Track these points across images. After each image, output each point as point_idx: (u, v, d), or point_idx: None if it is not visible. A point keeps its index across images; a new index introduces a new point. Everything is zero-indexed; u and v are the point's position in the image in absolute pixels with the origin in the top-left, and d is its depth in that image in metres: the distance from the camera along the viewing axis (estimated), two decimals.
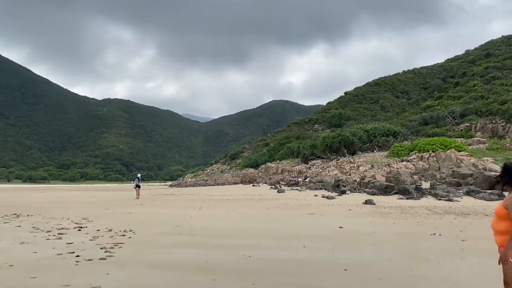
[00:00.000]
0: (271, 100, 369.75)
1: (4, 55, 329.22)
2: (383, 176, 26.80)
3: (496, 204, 12.27)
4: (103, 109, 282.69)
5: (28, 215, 14.19)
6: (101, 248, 7.42)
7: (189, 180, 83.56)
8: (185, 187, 64.94)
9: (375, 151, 45.59)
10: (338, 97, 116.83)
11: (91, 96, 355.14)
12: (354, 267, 6.02)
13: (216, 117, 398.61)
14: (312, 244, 7.98)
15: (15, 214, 14.71)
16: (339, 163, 40.31)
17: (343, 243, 8.07)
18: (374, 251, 7.27)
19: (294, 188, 31.51)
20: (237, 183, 57.11)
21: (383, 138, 46.93)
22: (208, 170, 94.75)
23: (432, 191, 18.90)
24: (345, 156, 44.71)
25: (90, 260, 6.41)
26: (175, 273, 5.64)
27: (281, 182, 39.61)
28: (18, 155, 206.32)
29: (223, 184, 60.68)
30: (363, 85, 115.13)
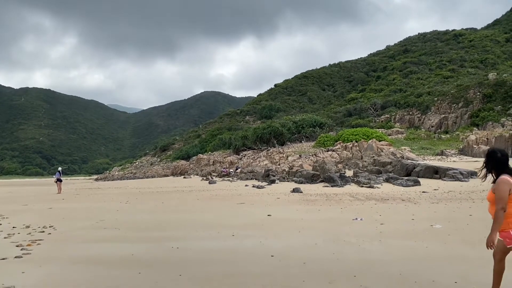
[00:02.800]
0: (202, 91, 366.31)
1: None
2: (310, 165, 27.77)
3: (411, 190, 13.13)
4: (21, 98, 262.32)
5: None
6: (17, 246, 6.96)
7: (116, 173, 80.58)
8: (112, 180, 62.59)
9: (303, 141, 47.11)
10: (268, 89, 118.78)
11: (6, 85, 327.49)
12: (281, 253, 6.20)
13: (145, 108, 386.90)
14: (241, 232, 8.09)
15: None
16: (269, 154, 41.13)
17: (270, 231, 8.27)
18: (300, 237, 7.53)
19: (226, 179, 31.64)
20: (167, 176, 56.15)
21: (311, 129, 48.60)
22: (137, 163, 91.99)
23: (355, 178, 19.93)
24: (275, 147, 45.71)
25: (3, 259, 5.99)
26: (98, 268, 5.44)
27: (213, 173, 39.59)
28: None
29: (153, 176, 59.30)
30: (292, 78, 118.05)
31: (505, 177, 3.73)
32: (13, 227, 9.31)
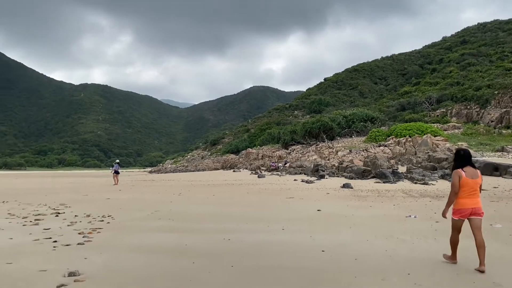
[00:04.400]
0: (251, 86, 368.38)
1: None
2: (360, 160, 27.21)
3: None
4: (80, 94, 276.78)
5: (3, 202, 13.93)
6: (79, 234, 7.37)
7: (169, 166, 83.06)
8: (165, 173, 64.56)
9: (353, 136, 46.18)
10: (317, 83, 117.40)
11: (67, 82, 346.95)
12: (332, 248, 6.14)
13: (196, 103, 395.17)
14: (291, 227, 8.09)
15: None
16: (318, 148, 40.71)
17: (321, 226, 8.21)
18: (351, 233, 7.43)
19: (274, 173, 31.72)
20: (217, 169, 57.12)
21: (361, 123, 47.53)
22: (189, 156, 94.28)
23: (408, 175, 19.31)
24: (324, 142, 45.17)
25: (67, 245, 6.37)
26: (154, 257, 5.65)
27: (262, 168, 39.81)
28: None
29: (203, 170, 60.55)
30: (342, 71, 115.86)
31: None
32: (75, 216, 9.87)
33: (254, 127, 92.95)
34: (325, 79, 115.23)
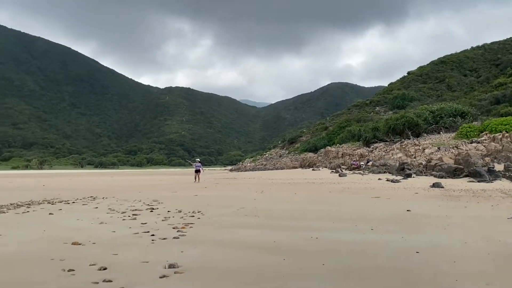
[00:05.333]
0: (329, 83, 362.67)
1: (75, 48, 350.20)
2: (451, 158, 25.54)
3: None
4: (166, 97, 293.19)
5: (103, 198, 15.17)
6: (173, 228, 7.78)
7: (248, 164, 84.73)
8: (245, 171, 65.96)
9: (441, 132, 43.49)
10: (400, 77, 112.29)
11: (154, 85, 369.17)
12: (426, 249, 5.84)
13: (273, 102, 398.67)
14: (380, 226, 7.83)
15: (91, 197, 15.77)
16: (403, 146, 38.95)
17: (412, 226, 7.85)
18: (446, 234, 7.00)
19: (356, 172, 30.94)
20: (296, 168, 57.10)
21: (450, 119, 44.59)
22: (267, 155, 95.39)
23: (507, 173, 17.75)
24: (409, 139, 43.10)
25: (164, 239, 6.75)
26: (246, 252, 5.80)
27: (342, 166, 39.03)
28: (89, 143, 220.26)
29: (282, 168, 60.90)
30: (427, 64, 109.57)
31: None
32: (168, 211, 10.45)
33: (332, 124, 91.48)
34: (408, 73, 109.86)
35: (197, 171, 27.57)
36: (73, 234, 7.20)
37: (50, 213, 10.37)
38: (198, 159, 30.79)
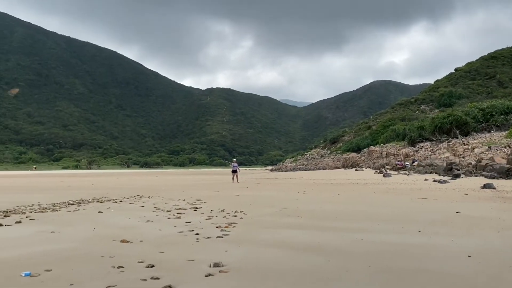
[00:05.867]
0: (371, 81, 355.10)
1: (121, 52, 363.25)
2: (503, 158, 24.30)
3: None
4: (207, 98, 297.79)
5: (149, 197, 15.60)
6: (217, 227, 7.87)
7: (289, 164, 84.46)
8: (286, 171, 65.81)
9: (492, 131, 41.45)
10: (447, 74, 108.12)
11: (196, 87, 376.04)
12: (479, 254, 5.56)
13: (314, 101, 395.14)
14: (428, 228, 7.56)
15: (138, 195, 16.26)
16: (451, 145, 37.47)
17: (462, 229, 7.52)
18: (500, 237, 6.65)
19: (401, 172, 30.12)
20: (338, 168, 56.34)
21: (502, 116, 42.39)
22: (308, 155, 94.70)
23: None
24: (457, 138, 41.40)
25: (208, 238, 6.83)
26: (289, 252, 5.76)
27: (386, 166, 38.11)
28: (135, 143, 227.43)
29: (323, 168, 60.27)
30: (477, 60, 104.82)
31: None
32: (211, 211, 10.59)
33: (376, 123, 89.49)
34: (456, 69, 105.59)
35: (234, 171, 27.84)
36: (122, 232, 7.44)
37: (99, 211, 10.78)
38: (234, 159, 31.10)
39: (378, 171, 34.30)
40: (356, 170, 42.07)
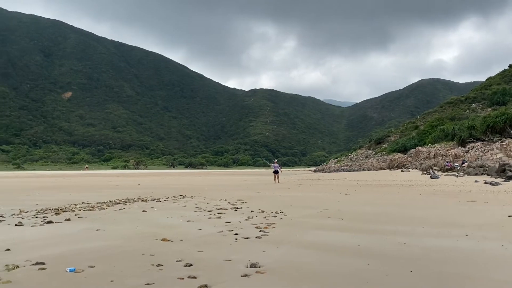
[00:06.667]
0: (418, 80, 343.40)
1: (167, 55, 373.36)
2: None
3: None
4: (250, 99, 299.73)
5: (191, 196, 15.89)
6: (256, 228, 7.87)
7: (333, 165, 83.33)
8: (329, 172, 64.97)
9: None
10: (500, 71, 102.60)
11: (239, 88, 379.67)
12: None
13: (358, 101, 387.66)
14: (476, 233, 7.18)
15: (181, 195, 16.61)
16: (504, 146, 35.54)
17: None
18: None
19: (450, 173, 28.90)
20: (383, 169, 54.96)
21: None
22: (352, 156, 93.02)
23: None
24: (511, 138, 39.20)
25: (247, 238, 6.85)
26: (328, 255, 5.66)
27: (434, 168, 36.72)
28: (180, 144, 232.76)
29: (368, 169, 59.00)
30: None
31: None
32: (251, 211, 10.61)
33: (423, 123, 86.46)
34: (510, 66, 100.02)
35: (276, 172, 27.81)
36: (163, 231, 7.61)
37: (143, 210, 11.09)
38: (275, 160, 31.04)
39: (425, 172, 33.08)
40: (402, 171, 40.81)
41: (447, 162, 37.26)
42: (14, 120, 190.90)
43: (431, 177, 25.43)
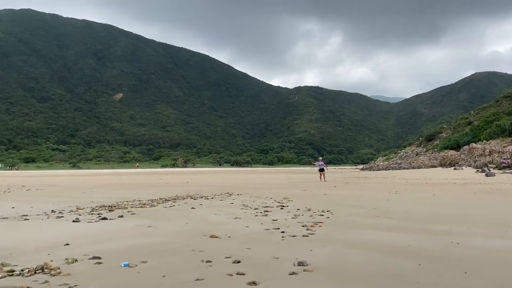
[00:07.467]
0: (472, 73, 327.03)
1: (212, 56, 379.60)
2: None
3: None
4: (295, 97, 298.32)
5: (238, 194, 16.10)
6: (303, 226, 7.86)
7: (381, 163, 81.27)
8: (377, 170, 63.51)
9: None
10: None
11: (283, 86, 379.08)
12: None
13: (407, 97, 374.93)
14: None
15: (227, 193, 16.87)
16: None
17: None
18: None
19: (507, 171, 27.43)
20: (435, 166, 53.01)
21: None
22: (401, 153, 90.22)
23: None
24: None
25: (293, 236, 6.86)
26: (378, 255, 5.56)
27: (490, 165, 34.95)
28: (226, 142, 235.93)
29: (418, 167, 57.11)
30: None
31: None
32: (297, 209, 10.60)
33: (477, 118, 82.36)
34: None
35: (321, 170, 27.46)
36: (211, 228, 7.78)
37: (192, 207, 11.38)
38: (320, 158, 30.71)
39: (479, 170, 31.53)
40: (454, 169, 39.16)
41: (504, 159, 35.33)
42: (70, 121, 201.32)
43: (487, 175, 24.24)
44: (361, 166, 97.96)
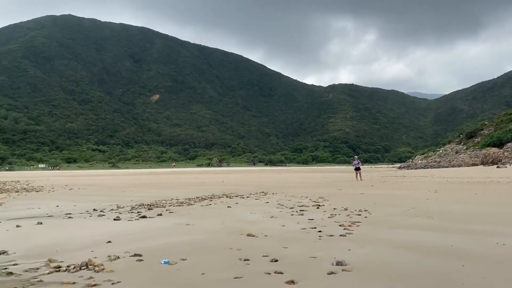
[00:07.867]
0: None
1: (246, 56, 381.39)
2: None
3: None
4: (329, 95, 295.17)
5: (273, 193, 16.12)
6: (340, 226, 7.78)
7: (419, 162, 79.15)
8: (415, 169, 61.94)
9: None
10: None
11: (317, 85, 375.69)
12: None
13: (446, 93, 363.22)
14: None
15: (262, 192, 16.92)
16: None
17: None
18: None
19: None
20: (476, 165, 51.12)
21: None
22: (440, 151, 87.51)
23: None
24: None
25: (331, 236, 6.80)
26: (417, 254, 5.43)
27: None
28: (259, 142, 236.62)
29: (459, 165, 55.26)
30: None
31: None
32: (334, 209, 10.50)
33: None
34: None
35: (357, 169, 26.99)
36: (247, 226, 7.83)
37: (228, 206, 11.50)
38: (355, 156, 30.21)
39: None
40: (497, 167, 37.63)
41: None
42: (109, 122, 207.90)
43: None
44: (398, 165, 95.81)
